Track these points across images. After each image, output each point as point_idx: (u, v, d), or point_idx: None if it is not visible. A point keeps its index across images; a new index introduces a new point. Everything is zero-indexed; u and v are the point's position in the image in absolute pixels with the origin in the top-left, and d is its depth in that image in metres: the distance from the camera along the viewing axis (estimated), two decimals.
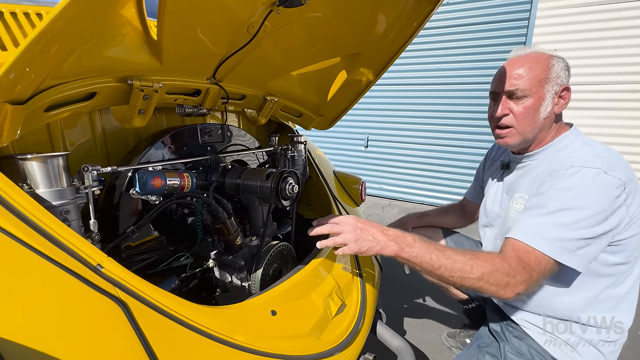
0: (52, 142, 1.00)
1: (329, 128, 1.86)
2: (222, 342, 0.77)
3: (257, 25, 1.01)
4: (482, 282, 0.86)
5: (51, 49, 0.59)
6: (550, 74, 0.98)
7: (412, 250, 0.91)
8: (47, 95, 0.71)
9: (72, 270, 0.63)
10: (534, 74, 0.98)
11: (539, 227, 0.89)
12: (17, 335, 0.52)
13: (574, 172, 0.88)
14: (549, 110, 1.00)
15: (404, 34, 1.27)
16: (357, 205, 1.93)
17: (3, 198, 0.64)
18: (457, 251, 0.91)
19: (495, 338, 1.13)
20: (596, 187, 0.85)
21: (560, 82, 0.99)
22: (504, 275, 0.85)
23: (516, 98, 1.01)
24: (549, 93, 0.98)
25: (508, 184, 1.18)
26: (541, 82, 0.98)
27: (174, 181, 1.05)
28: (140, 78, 0.93)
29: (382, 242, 0.93)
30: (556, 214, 0.88)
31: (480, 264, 0.86)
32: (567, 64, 1.01)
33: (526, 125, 1.01)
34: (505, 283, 0.85)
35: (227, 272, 1.30)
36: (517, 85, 0.99)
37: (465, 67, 3.76)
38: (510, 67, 1.01)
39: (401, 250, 0.91)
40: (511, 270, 0.85)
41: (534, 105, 0.99)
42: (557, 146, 1.03)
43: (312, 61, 1.40)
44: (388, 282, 2.15)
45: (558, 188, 0.90)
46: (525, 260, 0.87)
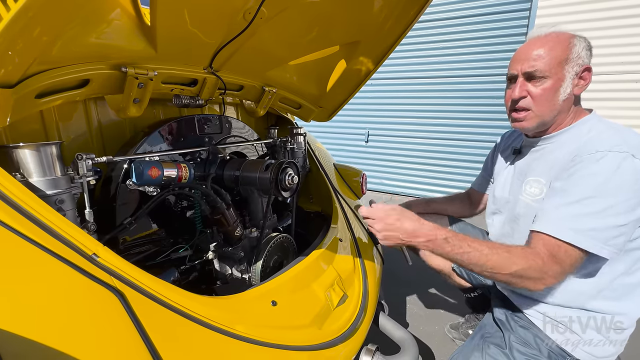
0: (46, 133, 0.99)
1: (328, 120, 1.84)
2: (221, 331, 0.76)
3: (253, 11, 0.99)
4: (515, 278, 0.85)
5: (33, 31, 0.57)
6: (570, 54, 0.94)
7: (445, 246, 0.90)
8: (37, 81, 0.69)
9: (68, 260, 0.62)
10: (553, 55, 0.94)
11: (567, 218, 0.85)
12: (12, 325, 0.51)
13: (600, 157, 0.84)
14: (568, 92, 0.96)
15: (403, 20, 1.24)
16: (358, 197, 1.91)
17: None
18: (490, 245, 0.89)
19: (499, 327, 1.12)
20: (624, 173, 0.82)
21: (581, 63, 0.95)
22: (536, 271, 0.84)
23: (534, 80, 0.97)
24: (569, 74, 0.95)
25: (520, 168, 1.14)
26: (561, 63, 0.94)
27: (171, 172, 1.04)
28: (135, 66, 0.92)
29: (412, 235, 0.92)
30: (584, 202, 0.84)
31: (514, 261, 0.85)
32: (589, 43, 0.97)
33: (544, 108, 0.98)
34: (537, 278, 0.84)
35: (227, 264, 1.28)
36: (536, 66, 0.95)
37: (466, 59, 3.71)
38: (529, 48, 0.98)
39: (433, 246, 0.90)
40: (544, 266, 0.84)
41: (553, 86, 0.95)
42: (579, 129, 0.99)
43: (311, 50, 1.37)
44: (390, 274, 2.14)
45: (584, 174, 0.86)
46: (556, 254, 0.85)
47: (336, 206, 1.61)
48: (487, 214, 1.33)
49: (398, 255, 1.57)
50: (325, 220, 1.62)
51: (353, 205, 1.67)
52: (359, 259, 1.39)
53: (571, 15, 3.14)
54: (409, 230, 0.93)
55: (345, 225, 1.55)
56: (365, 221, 1.02)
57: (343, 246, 1.40)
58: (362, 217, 1.02)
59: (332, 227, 1.48)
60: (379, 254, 1.58)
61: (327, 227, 1.49)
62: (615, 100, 3.10)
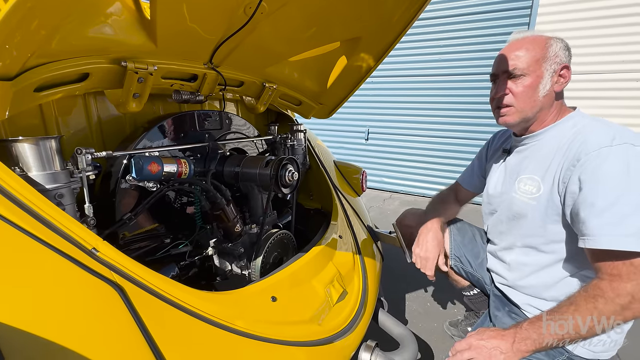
0: (45, 128, 0.98)
1: (329, 117, 1.83)
2: (221, 326, 0.76)
3: (254, 6, 0.98)
4: (608, 327, 0.81)
5: (31, 23, 0.57)
6: (547, 53, 0.99)
7: (537, 338, 0.84)
8: (36, 74, 0.69)
9: (67, 254, 0.61)
10: (532, 54, 0.99)
11: (611, 226, 0.81)
12: (12, 319, 0.50)
13: (607, 153, 0.84)
14: (547, 89, 1.00)
15: (404, 17, 1.23)
16: (358, 195, 1.91)
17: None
18: (573, 309, 0.83)
19: (496, 326, 1.12)
20: (636, 161, 0.82)
21: (559, 61, 0.99)
22: (617, 304, 0.79)
23: (515, 77, 1.02)
24: (547, 72, 0.99)
25: (511, 166, 1.16)
26: (539, 61, 0.99)
27: (171, 167, 1.03)
28: (135, 60, 0.91)
29: (508, 348, 0.86)
30: (617, 204, 0.81)
31: (599, 308, 0.80)
32: (566, 44, 1.02)
33: (525, 104, 1.02)
34: (624, 306, 0.79)
35: (227, 260, 1.28)
36: (515, 65, 1.01)
37: (467, 57, 3.70)
38: (508, 50, 1.04)
39: (527, 346, 0.85)
40: (620, 291, 0.79)
41: (533, 83, 1.00)
42: (564, 125, 1.02)
43: (311, 46, 1.37)
44: (389, 271, 2.14)
45: (600, 176, 0.84)
46: (623, 270, 0.80)
47: (336, 203, 1.61)
48: (483, 213, 1.34)
49: (397, 252, 1.57)
50: (325, 217, 1.62)
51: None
52: (359, 255, 1.39)
53: (572, 13, 3.12)
54: (503, 348, 0.86)
55: (345, 222, 1.55)
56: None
57: (343, 243, 1.40)
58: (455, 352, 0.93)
59: (332, 223, 1.48)
60: (379, 251, 1.58)
61: (327, 223, 1.49)
62: (614, 99, 3.10)
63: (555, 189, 0.96)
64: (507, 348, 0.85)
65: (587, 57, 3.05)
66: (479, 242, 1.40)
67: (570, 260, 0.99)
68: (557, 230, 0.98)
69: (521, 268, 1.11)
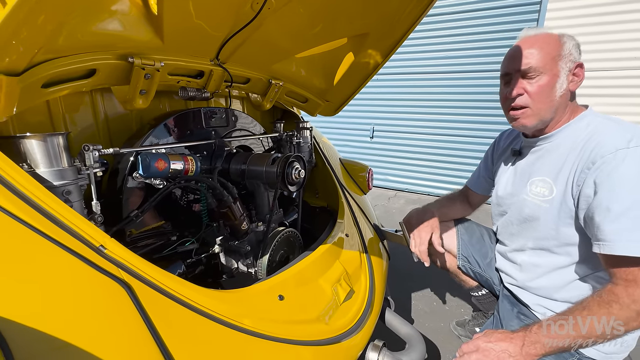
0: (53, 125, 0.98)
1: (335, 114, 1.82)
2: (228, 325, 0.76)
3: (261, 1, 0.97)
4: (622, 332, 0.79)
5: (38, 18, 0.56)
6: (562, 51, 0.95)
7: (547, 342, 0.82)
8: (43, 70, 0.68)
9: (75, 251, 0.61)
10: (546, 51, 0.94)
11: (627, 232, 0.79)
12: (20, 315, 0.50)
13: (623, 156, 0.82)
14: (564, 88, 0.96)
15: (413, 13, 1.21)
16: (364, 193, 1.90)
17: (3, 177, 0.61)
18: (585, 314, 0.82)
19: (505, 326, 1.10)
20: None
21: (573, 59, 0.96)
22: (633, 310, 0.78)
23: (530, 77, 0.96)
24: (563, 70, 0.95)
25: (522, 168, 1.13)
26: (555, 59, 0.94)
27: (177, 164, 1.03)
28: (142, 56, 0.90)
29: (517, 351, 0.84)
30: (634, 209, 0.79)
31: (614, 313, 0.78)
32: (577, 42, 0.98)
33: (542, 104, 0.97)
34: (639, 312, 0.78)
35: (233, 258, 1.28)
36: (530, 63, 0.95)
37: (473, 54, 3.65)
38: (521, 47, 0.98)
39: (536, 350, 0.83)
40: (637, 296, 0.78)
41: (550, 82, 0.95)
42: (577, 125, 0.98)
43: (318, 42, 1.35)
44: (396, 270, 2.12)
45: (616, 179, 0.81)
46: (638, 275, 0.79)
47: (342, 201, 1.60)
48: (493, 215, 1.32)
49: (404, 251, 1.55)
50: (331, 215, 1.61)
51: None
52: (365, 254, 1.38)
53: (583, 9, 3.06)
54: (512, 351, 0.83)
55: (352, 221, 1.54)
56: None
57: (349, 241, 1.39)
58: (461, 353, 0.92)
59: (338, 222, 1.47)
60: (385, 250, 1.57)
61: (334, 222, 1.48)
62: (626, 96, 3.03)
63: (569, 191, 0.94)
64: (516, 351, 0.83)
65: (597, 54, 2.99)
66: (487, 242, 1.38)
67: (583, 262, 0.97)
68: (570, 233, 0.96)
69: (533, 269, 1.09)
